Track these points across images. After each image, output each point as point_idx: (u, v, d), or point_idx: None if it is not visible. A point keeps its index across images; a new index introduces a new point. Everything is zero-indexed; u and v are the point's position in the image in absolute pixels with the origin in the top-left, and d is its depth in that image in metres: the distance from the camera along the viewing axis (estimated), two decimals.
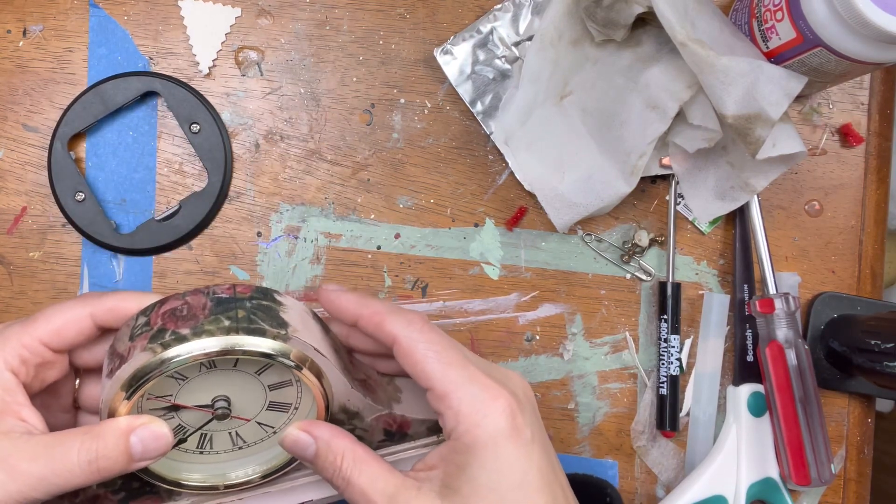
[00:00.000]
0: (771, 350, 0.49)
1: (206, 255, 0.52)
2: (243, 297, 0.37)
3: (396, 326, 0.37)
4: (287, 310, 0.38)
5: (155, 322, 0.36)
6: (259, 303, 0.37)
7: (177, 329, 0.35)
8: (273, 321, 0.36)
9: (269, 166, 0.52)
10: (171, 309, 0.36)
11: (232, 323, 0.35)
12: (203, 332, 0.35)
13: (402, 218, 0.52)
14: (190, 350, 0.34)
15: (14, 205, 0.51)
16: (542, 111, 0.51)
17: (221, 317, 0.35)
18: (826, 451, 0.48)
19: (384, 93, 0.52)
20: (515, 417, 0.36)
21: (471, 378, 0.36)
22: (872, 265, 0.53)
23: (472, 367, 0.36)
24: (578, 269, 0.53)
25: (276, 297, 0.38)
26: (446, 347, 0.37)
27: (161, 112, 0.52)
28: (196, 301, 0.36)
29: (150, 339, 0.35)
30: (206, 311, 0.36)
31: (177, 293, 0.37)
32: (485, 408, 0.35)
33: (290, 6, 0.52)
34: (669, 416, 0.51)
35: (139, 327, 0.36)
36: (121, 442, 0.35)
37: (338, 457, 0.37)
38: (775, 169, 0.49)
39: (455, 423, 0.35)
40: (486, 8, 0.52)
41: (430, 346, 0.36)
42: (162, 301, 0.37)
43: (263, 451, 0.41)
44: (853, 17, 0.40)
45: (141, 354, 0.35)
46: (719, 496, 0.49)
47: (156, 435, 0.36)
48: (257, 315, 0.36)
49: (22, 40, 0.52)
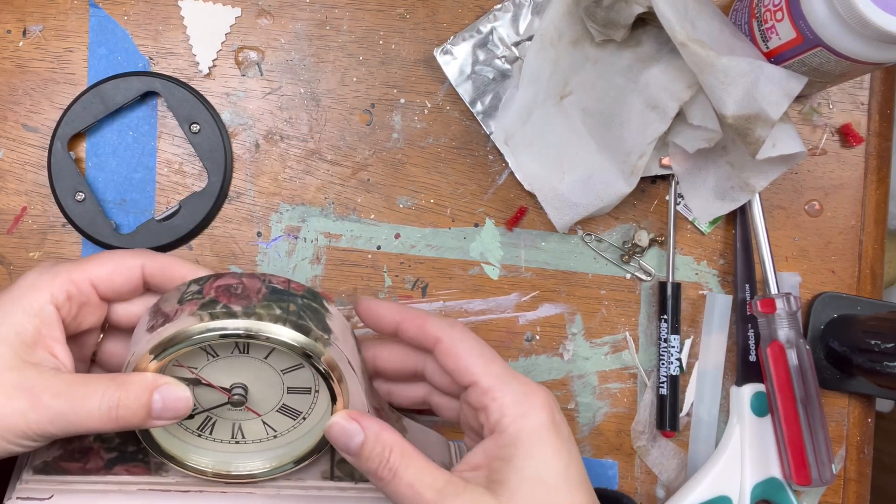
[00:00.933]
0: (772, 350, 0.49)
1: (206, 255, 0.52)
2: (296, 293, 0.38)
3: (439, 328, 0.39)
4: (332, 318, 0.38)
5: (208, 292, 0.37)
6: (309, 303, 0.38)
7: (229, 304, 0.36)
8: (319, 324, 0.37)
9: (269, 166, 0.52)
10: (226, 284, 0.37)
11: (282, 313, 0.36)
12: (253, 313, 0.35)
13: (402, 218, 0.52)
14: (236, 327, 0.35)
15: (14, 205, 0.51)
16: (542, 111, 0.51)
17: (274, 304, 0.36)
18: (827, 451, 0.48)
19: (384, 93, 0.52)
20: (554, 413, 0.37)
21: (512, 375, 0.38)
22: (872, 265, 0.53)
23: (510, 369, 0.39)
24: (578, 269, 0.53)
25: (324, 303, 0.39)
26: (486, 346, 0.39)
27: (161, 112, 0.52)
28: (252, 284, 0.37)
29: (201, 306, 0.36)
30: (259, 295, 0.36)
31: (233, 272, 0.39)
32: (528, 401, 0.37)
33: (290, 6, 0.52)
34: (669, 416, 0.51)
35: (191, 293, 0.37)
36: (143, 395, 0.35)
37: (386, 449, 0.37)
38: (775, 169, 0.49)
39: (500, 416, 0.37)
40: (486, 8, 0.52)
41: (472, 345, 0.39)
42: (218, 275, 0.38)
43: (259, 451, 0.41)
44: (853, 17, 0.40)
45: (188, 318, 0.35)
46: (724, 497, 0.49)
47: (177, 397, 0.36)
48: (306, 314, 0.37)
49: (22, 40, 0.51)
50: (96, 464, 0.40)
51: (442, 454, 0.45)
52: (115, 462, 0.40)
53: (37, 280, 0.37)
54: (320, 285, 0.52)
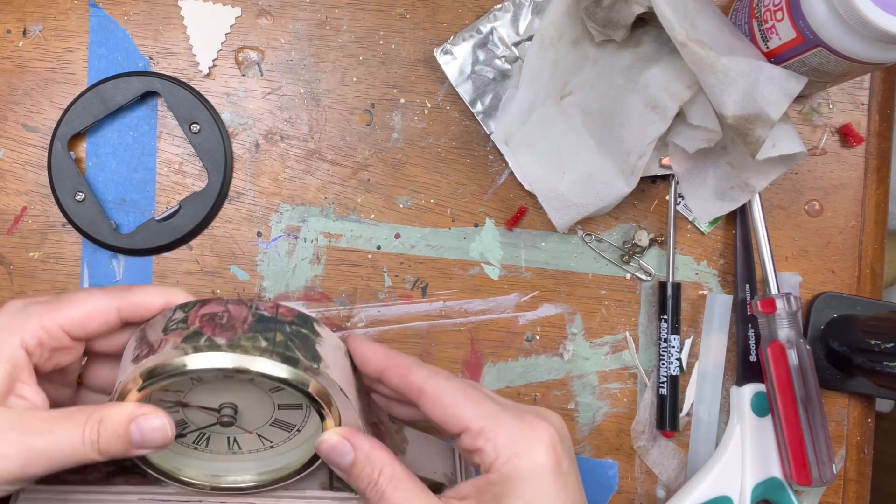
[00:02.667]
0: (772, 350, 0.49)
1: (207, 255, 0.52)
2: (284, 320, 0.36)
3: (422, 376, 0.37)
4: (323, 343, 0.37)
5: (193, 322, 0.36)
6: (298, 330, 0.37)
7: (213, 336, 0.35)
8: (308, 353, 0.36)
9: (269, 166, 0.52)
10: (211, 313, 0.36)
11: (268, 345, 0.35)
12: (238, 346, 0.35)
13: (402, 218, 0.52)
14: (220, 362, 0.34)
15: (14, 205, 0.51)
16: (542, 111, 0.51)
17: (259, 336, 0.35)
18: (827, 451, 0.48)
19: (384, 93, 0.52)
20: (556, 448, 0.35)
21: (505, 411, 0.36)
22: (872, 265, 0.53)
23: (505, 404, 0.36)
24: (578, 269, 0.53)
25: (314, 327, 0.38)
26: (475, 389, 0.37)
27: (161, 112, 0.52)
28: (238, 312, 0.36)
29: (185, 338, 0.35)
30: (245, 325, 0.35)
31: (220, 297, 0.37)
32: (524, 438, 0.35)
33: (290, 6, 0.52)
34: (669, 416, 0.51)
35: (175, 322, 0.36)
36: (121, 427, 0.35)
37: (375, 469, 0.36)
38: (775, 169, 0.49)
39: (495, 456, 0.35)
40: (486, 8, 0.52)
41: (458, 391, 0.36)
42: (203, 301, 0.37)
43: (256, 462, 0.41)
44: (853, 17, 0.40)
45: (171, 351, 0.35)
46: (724, 497, 0.49)
47: (155, 427, 0.36)
48: (294, 343, 0.36)
49: (22, 40, 0.51)
50: (96, 475, 0.40)
51: (445, 464, 0.45)
52: (115, 473, 0.40)
53: (8, 323, 0.36)
54: (320, 285, 0.52)
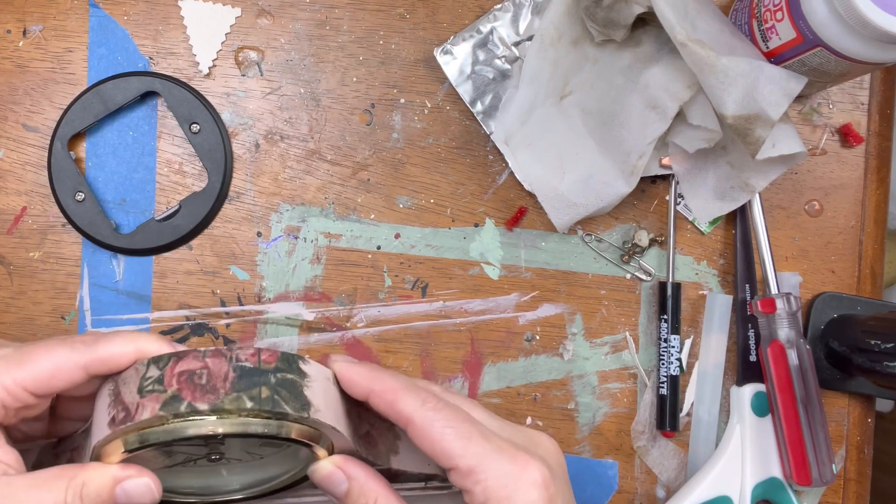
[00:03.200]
0: (772, 350, 0.49)
1: (206, 255, 0.52)
2: (268, 368, 0.35)
3: (410, 406, 0.35)
4: (311, 383, 0.36)
5: (169, 383, 0.34)
6: (284, 377, 0.35)
7: (194, 402, 0.33)
8: (297, 402, 0.35)
9: (269, 166, 0.52)
10: (188, 371, 0.34)
11: (254, 405, 0.33)
12: (223, 411, 0.33)
13: (402, 218, 0.52)
14: (204, 430, 0.33)
15: (14, 205, 0.51)
16: (542, 111, 0.51)
17: (244, 395, 0.34)
18: (827, 450, 0.48)
19: (384, 93, 0.52)
20: (548, 487, 0.34)
21: (497, 450, 0.35)
22: (872, 265, 0.53)
23: (496, 438, 0.35)
24: (578, 269, 0.53)
25: (300, 368, 0.36)
26: (465, 421, 0.35)
27: (161, 112, 0.52)
28: (217, 368, 0.34)
29: (164, 404, 0.33)
30: (227, 383, 0.34)
31: (195, 350, 0.35)
32: (515, 480, 0.34)
33: (290, 6, 0.52)
34: (669, 416, 0.51)
35: (150, 381, 0.34)
36: (105, 491, 0.34)
37: (369, 500, 0.36)
38: (775, 169, 0.49)
39: (484, 499, 0.34)
40: (486, 8, 0.52)
41: (447, 423, 0.35)
42: (178, 356, 0.35)
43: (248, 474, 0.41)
44: (853, 17, 0.40)
45: (151, 418, 0.33)
46: (724, 497, 0.49)
47: (142, 490, 0.35)
48: (280, 395, 0.34)
49: (22, 40, 0.51)
50: None
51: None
52: None
53: None
54: (320, 285, 0.52)
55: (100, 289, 0.51)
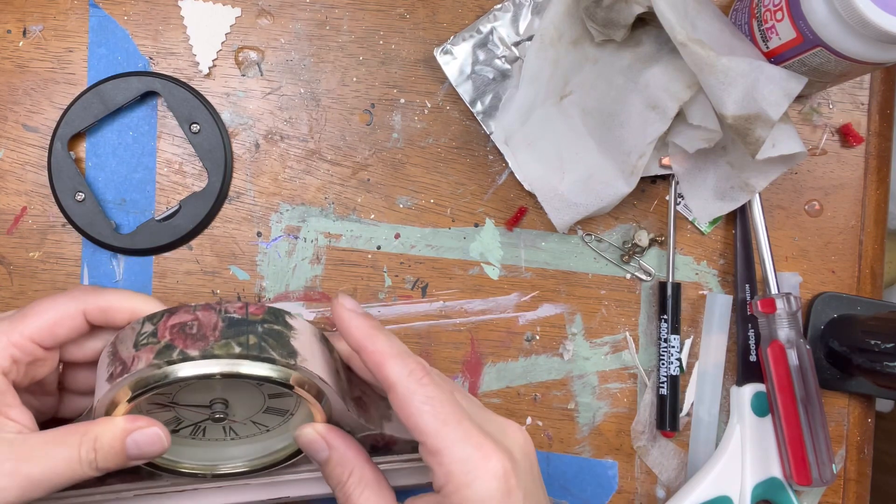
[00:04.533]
0: (772, 350, 0.49)
1: (206, 255, 0.52)
2: (255, 319, 0.36)
3: (395, 373, 0.36)
4: (297, 335, 0.37)
5: (163, 335, 0.35)
6: (270, 327, 0.36)
7: (185, 349, 0.34)
8: (283, 349, 0.36)
9: (269, 166, 0.52)
10: (180, 323, 0.36)
11: (242, 349, 0.35)
12: (212, 355, 0.34)
13: (402, 218, 0.52)
14: (196, 371, 0.34)
15: (14, 205, 0.51)
16: (542, 111, 0.51)
17: (232, 342, 0.35)
18: (827, 451, 0.48)
19: (384, 93, 0.52)
20: (508, 479, 0.35)
21: (465, 436, 0.35)
22: (872, 265, 0.53)
23: (468, 424, 0.35)
24: (578, 269, 0.53)
25: (287, 321, 0.37)
26: (443, 402, 0.36)
27: (161, 112, 0.52)
28: (207, 319, 0.36)
29: (157, 353, 0.35)
30: (216, 332, 0.35)
31: (187, 305, 0.36)
32: (476, 469, 0.34)
33: (290, 6, 0.52)
34: (669, 416, 0.51)
35: (145, 336, 0.36)
36: (117, 442, 0.35)
37: (346, 471, 0.37)
38: (775, 169, 0.49)
39: (444, 482, 0.35)
40: (486, 8, 0.52)
41: (426, 399, 0.35)
42: (171, 311, 0.36)
43: (254, 445, 0.42)
44: (853, 17, 0.40)
45: (146, 367, 0.34)
46: (724, 497, 0.49)
47: (152, 439, 0.36)
48: (267, 342, 0.36)
49: (22, 40, 0.51)
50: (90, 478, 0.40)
51: None
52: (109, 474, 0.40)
53: None
54: (320, 285, 0.52)
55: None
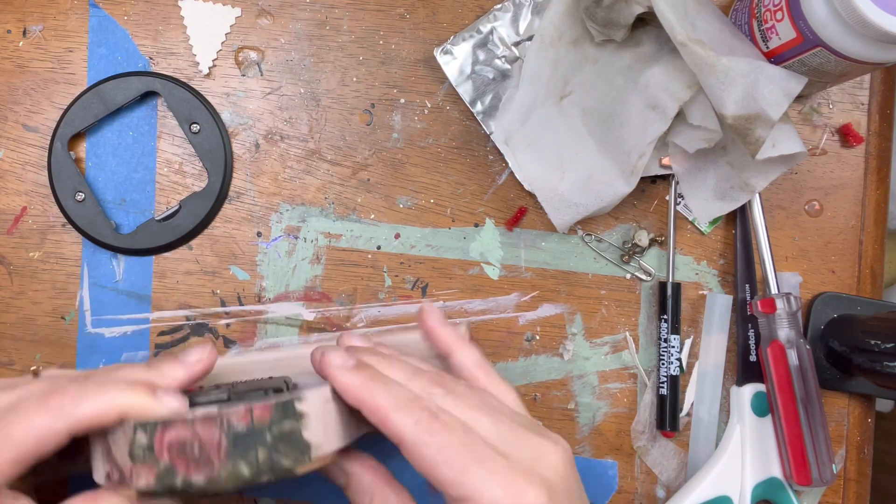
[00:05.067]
0: (772, 350, 0.49)
1: (206, 255, 0.52)
2: (261, 426, 0.33)
3: (400, 427, 0.34)
4: (309, 421, 0.34)
5: (160, 453, 0.33)
6: (280, 430, 0.33)
7: (188, 475, 0.32)
8: (296, 450, 0.33)
9: (269, 166, 0.52)
10: (179, 442, 0.33)
11: (252, 470, 0.33)
12: (220, 483, 0.32)
13: (402, 218, 0.52)
14: (206, 490, 0.33)
15: (14, 205, 0.51)
16: (542, 111, 0.51)
17: (240, 463, 0.32)
18: (827, 450, 0.48)
19: (384, 93, 0.52)
20: None
21: (490, 477, 0.32)
22: (872, 265, 0.53)
23: (492, 462, 0.33)
24: (578, 269, 0.53)
25: (296, 409, 0.34)
26: (459, 447, 0.33)
27: (161, 112, 0.52)
28: (208, 436, 0.33)
29: (158, 477, 0.32)
30: (221, 452, 0.33)
31: (183, 418, 0.33)
32: None
33: (290, 6, 0.52)
34: (669, 416, 0.51)
35: (140, 448, 0.33)
36: None
37: (366, 497, 0.37)
38: (775, 169, 0.49)
39: None
40: (486, 8, 0.52)
41: (438, 450, 0.33)
42: (164, 424, 0.33)
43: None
44: (853, 17, 0.40)
45: (146, 486, 0.33)
46: (724, 497, 0.49)
47: None
48: (279, 450, 0.33)
49: (22, 40, 0.51)
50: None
51: None
52: None
53: None
54: (320, 285, 0.52)
55: (100, 289, 0.51)
